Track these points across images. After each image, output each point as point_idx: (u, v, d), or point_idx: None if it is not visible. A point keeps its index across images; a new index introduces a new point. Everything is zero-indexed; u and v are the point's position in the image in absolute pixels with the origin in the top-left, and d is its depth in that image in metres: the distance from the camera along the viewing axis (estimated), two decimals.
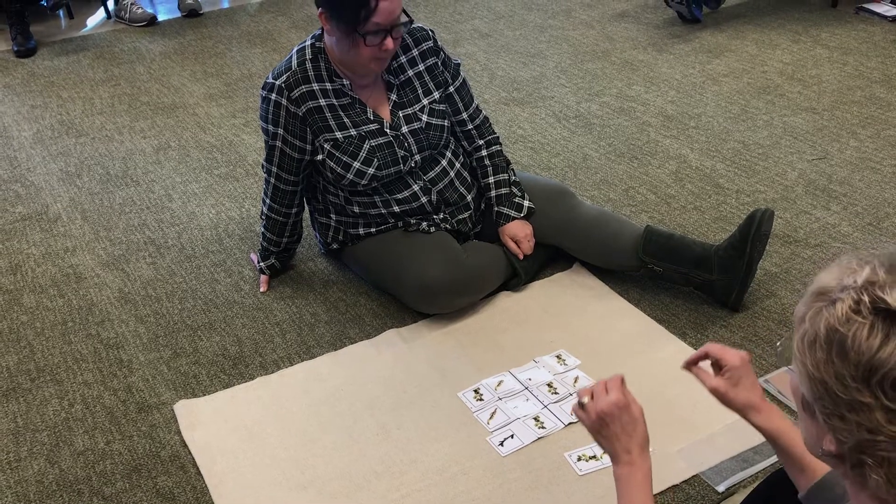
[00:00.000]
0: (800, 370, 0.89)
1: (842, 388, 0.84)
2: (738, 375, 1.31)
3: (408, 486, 1.69)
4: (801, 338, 0.89)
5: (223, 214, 2.64)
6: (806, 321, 0.89)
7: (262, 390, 1.95)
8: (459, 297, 2.11)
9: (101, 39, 4.08)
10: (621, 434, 1.26)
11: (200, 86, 3.55)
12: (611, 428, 1.27)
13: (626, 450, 1.26)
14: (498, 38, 3.90)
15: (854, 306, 0.84)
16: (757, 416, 1.29)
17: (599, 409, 1.27)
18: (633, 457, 1.26)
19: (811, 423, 0.94)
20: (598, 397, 1.29)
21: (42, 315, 2.24)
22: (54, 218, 2.66)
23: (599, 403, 1.28)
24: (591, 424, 1.29)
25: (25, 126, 3.26)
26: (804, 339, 0.88)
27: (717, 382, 1.32)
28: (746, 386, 1.31)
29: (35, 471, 1.77)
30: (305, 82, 2.04)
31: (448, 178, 2.18)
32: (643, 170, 2.77)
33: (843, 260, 0.92)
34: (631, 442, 1.26)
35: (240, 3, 4.50)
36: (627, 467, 1.25)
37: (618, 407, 1.27)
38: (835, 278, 0.90)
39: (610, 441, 1.28)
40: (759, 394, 1.31)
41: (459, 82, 2.22)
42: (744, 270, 2.03)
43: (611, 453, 1.28)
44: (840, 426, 0.86)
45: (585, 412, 1.30)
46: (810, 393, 0.89)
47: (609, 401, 1.27)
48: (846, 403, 0.84)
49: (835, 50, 3.56)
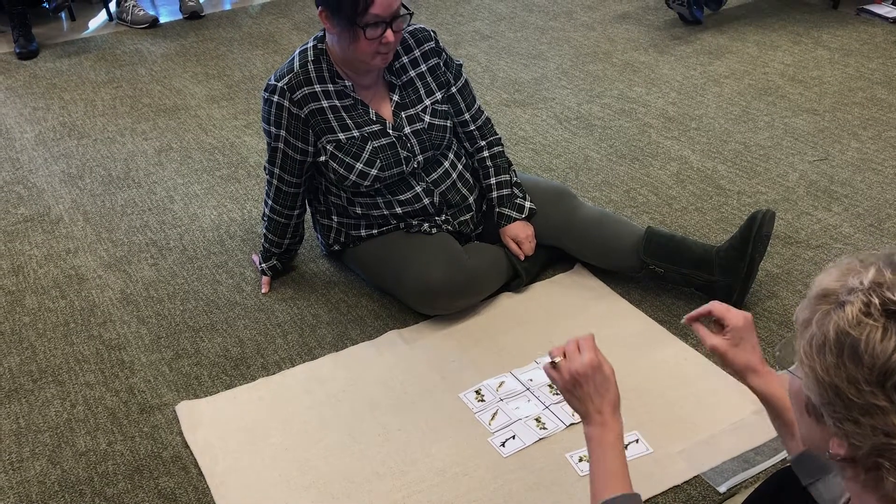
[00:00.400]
0: (807, 375, 0.88)
1: (855, 392, 0.83)
2: (740, 336, 1.31)
3: (409, 486, 1.69)
4: (809, 342, 0.88)
5: (225, 216, 2.64)
6: (813, 325, 0.88)
7: (264, 391, 1.95)
8: (461, 298, 2.11)
9: (102, 41, 4.08)
10: (594, 394, 1.27)
11: (202, 87, 3.55)
12: (584, 388, 1.27)
13: (598, 410, 1.27)
14: (499, 39, 3.90)
15: (864, 308, 0.83)
16: (755, 379, 1.29)
17: (573, 369, 1.28)
18: (605, 417, 1.26)
19: (816, 427, 0.93)
20: (572, 357, 1.29)
21: (44, 316, 2.24)
22: (56, 219, 2.67)
23: (573, 363, 1.28)
24: (564, 384, 1.30)
25: (27, 128, 3.27)
26: (812, 343, 0.87)
27: (717, 341, 1.32)
28: (747, 348, 1.31)
29: (37, 471, 1.78)
30: (307, 84, 2.04)
31: (450, 179, 2.18)
32: (644, 171, 2.77)
33: (843, 262, 0.91)
34: (603, 402, 1.27)
35: (241, 5, 4.51)
36: (600, 428, 1.26)
37: (591, 367, 1.27)
38: (837, 280, 0.89)
39: (583, 401, 1.28)
40: (759, 356, 1.31)
41: (462, 83, 2.23)
42: (745, 271, 2.03)
43: (582, 413, 1.29)
44: (854, 430, 0.85)
45: (558, 372, 1.30)
46: (819, 398, 0.88)
47: (583, 361, 1.27)
48: (860, 407, 0.83)
49: (836, 51, 3.56)
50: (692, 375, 1.93)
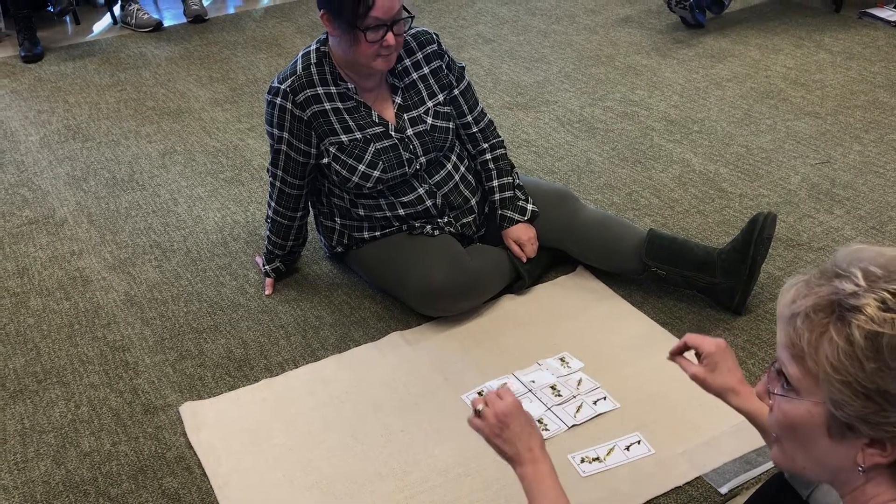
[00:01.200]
0: (839, 390, 0.87)
1: (889, 381, 0.82)
2: (715, 361, 1.37)
3: (412, 487, 1.70)
4: (835, 356, 0.86)
5: (228, 218, 2.65)
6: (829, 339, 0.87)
7: (267, 392, 1.96)
8: (463, 300, 2.12)
9: (107, 45, 4.10)
10: (522, 433, 1.30)
11: (206, 91, 3.56)
12: (512, 428, 1.30)
13: (528, 448, 1.29)
14: (502, 43, 3.91)
15: (882, 305, 0.82)
16: (735, 399, 1.34)
17: (499, 410, 1.31)
18: (535, 453, 1.29)
19: (838, 447, 0.92)
20: (493, 403, 1.33)
21: (49, 318, 2.25)
22: (61, 221, 2.68)
23: (497, 406, 1.32)
24: (492, 429, 1.32)
25: (32, 130, 3.28)
26: (839, 356, 0.86)
27: (695, 369, 1.38)
28: (723, 371, 1.36)
29: (42, 472, 1.79)
30: (310, 86, 2.05)
31: (453, 181, 2.19)
32: (647, 174, 2.77)
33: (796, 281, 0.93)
34: (532, 440, 1.30)
35: (245, 9, 4.52)
36: (532, 465, 1.29)
37: (515, 407, 1.32)
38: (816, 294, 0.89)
39: (512, 442, 1.31)
40: (737, 377, 1.36)
41: (464, 85, 2.24)
42: (747, 274, 2.03)
43: (514, 455, 1.31)
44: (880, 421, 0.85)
45: (483, 418, 1.34)
46: (861, 409, 0.86)
47: (506, 402, 1.32)
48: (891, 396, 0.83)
49: (838, 55, 3.57)
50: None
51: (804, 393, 0.92)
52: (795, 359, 0.92)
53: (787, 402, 0.95)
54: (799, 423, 0.94)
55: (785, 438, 0.98)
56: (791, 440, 0.97)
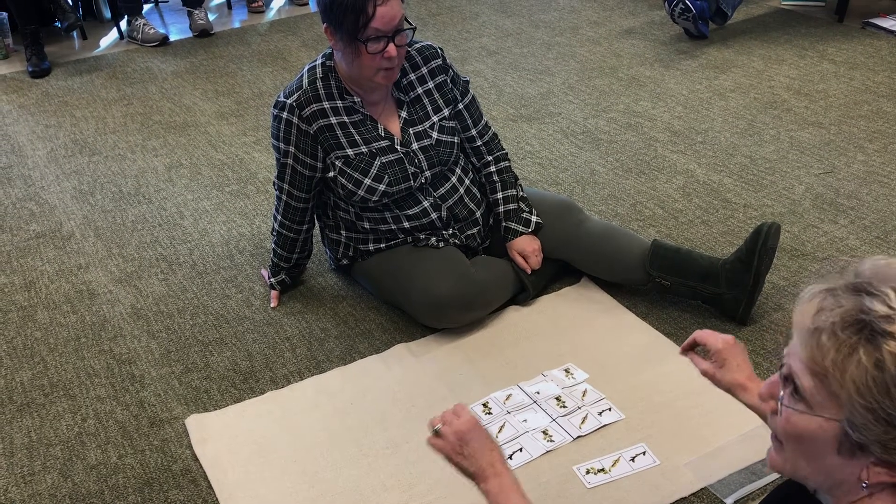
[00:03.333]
0: (862, 414, 0.86)
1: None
2: (724, 358, 1.39)
3: (417, 499, 1.70)
4: (864, 381, 0.85)
5: (234, 231, 2.67)
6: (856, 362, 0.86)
7: (273, 405, 1.97)
8: (468, 311, 2.13)
9: (113, 59, 4.13)
10: (483, 449, 1.30)
11: (212, 104, 3.59)
12: (472, 445, 1.30)
13: (490, 463, 1.29)
14: (506, 55, 3.93)
15: None
16: (744, 395, 1.36)
17: (457, 429, 1.31)
18: (497, 468, 1.29)
19: (845, 462, 0.92)
20: (450, 421, 1.33)
21: (55, 331, 2.26)
22: (68, 235, 2.70)
23: (456, 424, 1.32)
24: (452, 447, 1.32)
25: (40, 145, 3.31)
26: (867, 381, 0.85)
27: (705, 366, 1.40)
28: (732, 367, 1.38)
29: (48, 484, 1.79)
30: (316, 101, 2.06)
31: (458, 194, 2.20)
32: (651, 185, 2.78)
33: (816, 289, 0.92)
34: (493, 455, 1.30)
35: (251, 23, 4.55)
36: (497, 479, 1.28)
37: (473, 423, 1.31)
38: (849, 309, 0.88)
39: (473, 458, 1.30)
40: (745, 373, 1.37)
41: (468, 99, 2.25)
42: (751, 284, 2.04)
43: (476, 471, 1.30)
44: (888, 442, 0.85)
45: (443, 437, 1.33)
46: (879, 435, 0.86)
47: (463, 420, 1.32)
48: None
49: (841, 65, 3.58)
50: (699, 387, 1.93)
51: (817, 408, 0.91)
52: (814, 374, 0.90)
53: (797, 414, 0.93)
54: (808, 436, 0.93)
55: (789, 446, 0.98)
56: (796, 450, 0.97)
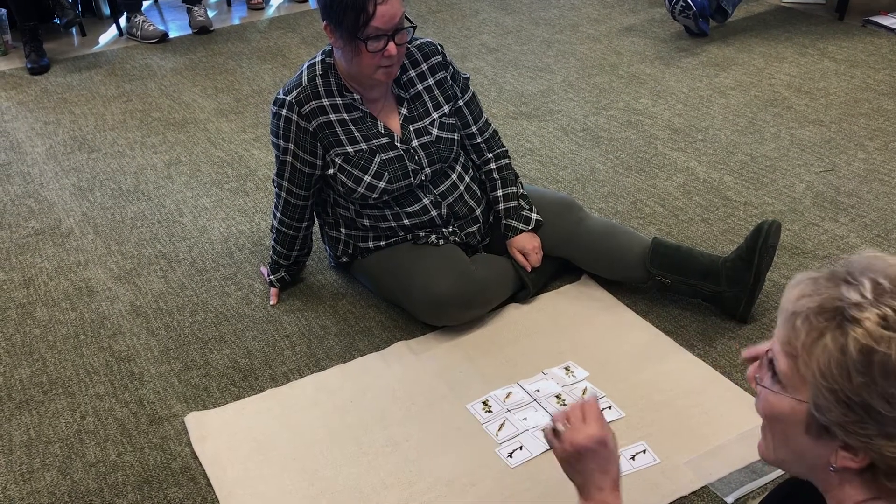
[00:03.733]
0: (825, 397, 0.88)
1: (889, 407, 0.83)
2: None
3: (417, 497, 1.69)
4: (827, 364, 0.87)
5: (233, 228, 2.66)
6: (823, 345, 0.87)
7: (272, 402, 1.96)
8: (468, 309, 2.12)
9: (113, 56, 4.12)
10: (596, 470, 1.18)
11: (211, 101, 3.58)
12: (587, 463, 1.18)
13: (598, 487, 1.18)
14: (506, 52, 3.92)
15: (882, 322, 0.83)
16: None
17: (577, 442, 1.18)
18: (604, 495, 1.18)
19: (814, 444, 0.94)
20: (576, 427, 1.20)
21: (55, 328, 2.26)
22: (67, 232, 2.69)
23: (577, 436, 1.18)
24: (565, 455, 1.20)
25: (38, 142, 3.30)
26: (830, 364, 0.86)
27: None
28: None
29: (47, 482, 1.79)
30: (316, 98, 2.06)
31: (458, 191, 2.19)
32: (651, 182, 2.78)
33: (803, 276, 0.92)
34: (605, 479, 1.18)
35: (250, 20, 4.55)
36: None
37: (596, 442, 1.18)
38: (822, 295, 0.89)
39: (583, 476, 1.19)
40: None
41: (469, 96, 2.24)
42: (751, 282, 2.03)
43: (580, 487, 1.20)
44: (884, 444, 0.86)
45: (559, 440, 1.21)
46: (841, 417, 0.87)
47: (588, 434, 1.18)
48: (893, 421, 0.84)
49: (842, 62, 3.57)
50: (699, 385, 1.93)
51: (790, 389, 0.94)
52: (788, 356, 0.93)
53: (772, 394, 0.96)
54: (780, 416, 0.96)
55: (768, 429, 1.01)
56: (774, 432, 1.00)
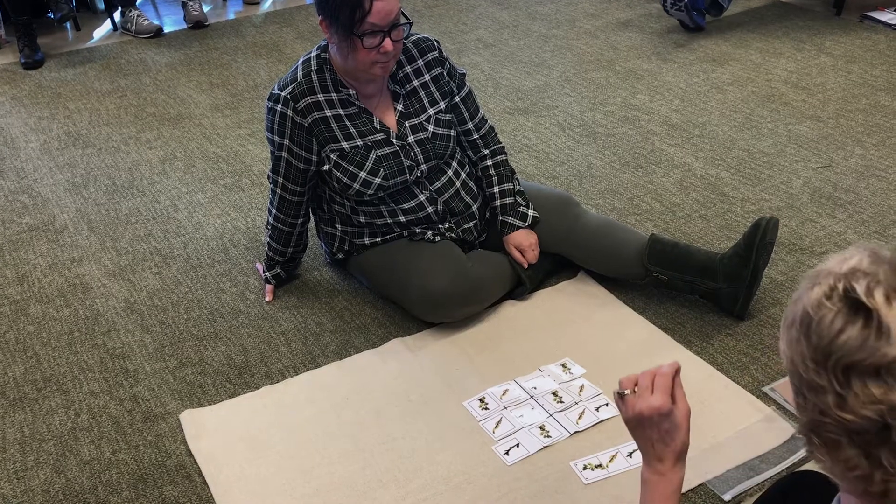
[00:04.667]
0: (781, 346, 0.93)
1: (804, 367, 0.86)
2: None
3: (413, 495, 1.69)
4: (785, 317, 0.91)
5: (229, 224, 2.65)
6: (793, 301, 0.92)
7: (268, 399, 1.95)
8: (464, 306, 2.11)
9: (107, 51, 4.10)
10: (657, 441, 1.18)
11: (206, 97, 3.56)
12: (647, 432, 1.18)
13: (658, 457, 1.18)
14: (502, 47, 3.91)
15: (828, 292, 0.86)
16: None
17: (639, 410, 1.17)
18: (664, 466, 1.18)
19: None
20: (642, 395, 1.18)
21: (48, 325, 2.24)
22: (61, 228, 2.67)
23: (640, 404, 1.17)
24: (628, 420, 1.20)
25: (32, 137, 3.28)
26: (786, 318, 0.91)
27: None
28: None
29: (41, 480, 1.78)
30: (311, 93, 2.04)
31: (454, 187, 2.18)
32: (648, 178, 2.77)
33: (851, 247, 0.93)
34: (666, 451, 1.18)
35: (245, 15, 4.52)
36: (657, 476, 1.18)
37: (659, 413, 1.16)
38: (833, 263, 0.91)
39: (644, 443, 1.19)
40: None
41: (465, 92, 2.23)
42: (749, 279, 2.03)
43: (643, 452, 1.21)
44: (801, 404, 0.89)
45: (625, 405, 1.20)
46: (786, 368, 0.92)
47: (651, 404, 1.16)
48: (807, 383, 0.87)
49: (839, 58, 3.57)
50: (697, 383, 1.93)
51: None
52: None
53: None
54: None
55: None
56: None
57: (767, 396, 1.87)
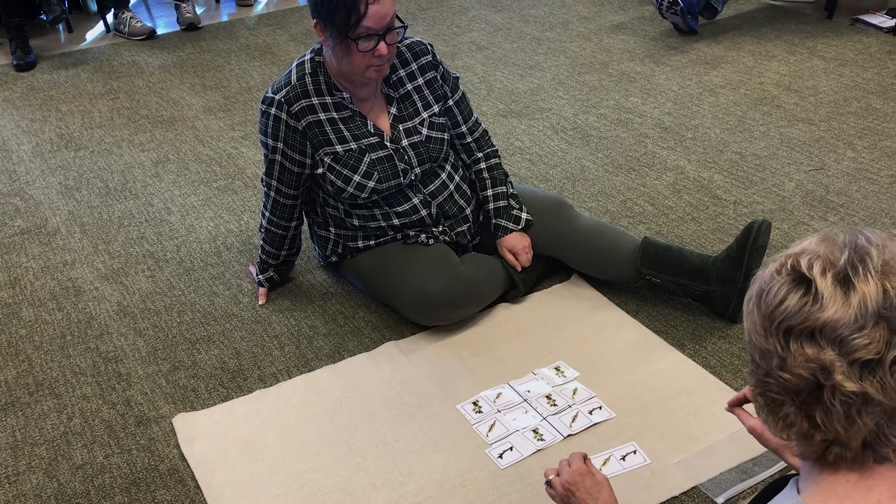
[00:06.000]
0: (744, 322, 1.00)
1: (756, 335, 0.95)
2: None
3: (407, 498, 1.69)
4: (747, 295, 1.00)
5: (222, 227, 2.64)
6: (752, 280, 1.00)
7: (261, 403, 1.95)
8: (458, 309, 2.11)
9: (100, 53, 4.09)
10: (588, 499, 1.38)
11: (199, 99, 3.56)
12: (577, 496, 1.39)
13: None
14: (495, 50, 3.92)
15: (778, 268, 0.95)
16: (791, 458, 1.30)
17: (563, 480, 1.41)
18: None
19: None
20: (562, 471, 1.43)
21: (41, 328, 2.24)
22: (53, 231, 2.67)
23: (563, 475, 1.42)
24: (561, 498, 1.42)
25: (25, 140, 3.27)
26: (747, 295, 0.99)
27: (753, 423, 1.35)
28: None
29: (33, 485, 1.77)
30: (305, 97, 2.04)
31: (447, 190, 2.18)
32: (641, 181, 2.77)
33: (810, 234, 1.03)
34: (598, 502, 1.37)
35: (238, 17, 4.52)
36: None
37: (579, 474, 1.40)
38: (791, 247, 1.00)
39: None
40: None
41: (458, 95, 2.23)
42: (741, 281, 2.03)
43: None
44: (753, 370, 0.98)
45: (553, 488, 1.44)
46: (746, 340, 1.00)
47: (571, 470, 1.41)
48: (759, 350, 0.95)
49: (831, 61, 3.58)
50: (690, 385, 1.93)
51: None
52: None
53: None
54: None
55: None
56: None
57: None
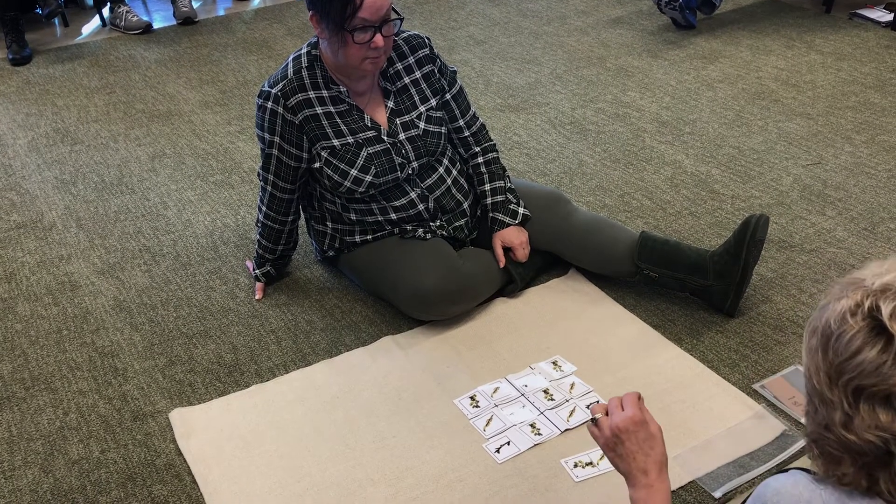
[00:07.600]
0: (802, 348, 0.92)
1: (818, 379, 0.87)
2: None
3: (404, 493, 1.68)
4: (810, 321, 0.91)
5: (218, 222, 2.64)
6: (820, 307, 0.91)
7: (258, 398, 1.95)
8: (455, 303, 2.11)
9: (96, 47, 4.08)
10: (637, 452, 1.19)
11: (196, 93, 3.54)
12: (626, 445, 1.20)
13: (642, 470, 1.18)
14: (493, 44, 3.91)
15: (853, 308, 0.85)
16: None
17: (614, 424, 1.21)
18: (650, 478, 1.18)
19: None
20: (613, 413, 1.23)
21: (37, 323, 2.23)
22: (49, 226, 2.66)
23: (614, 418, 1.21)
24: (606, 442, 1.23)
25: (20, 134, 3.26)
26: (810, 323, 0.90)
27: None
28: None
29: (29, 480, 1.77)
30: (302, 90, 2.04)
31: (445, 185, 2.18)
32: (638, 176, 2.77)
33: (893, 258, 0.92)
34: (648, 461, 1.19)
35: (235, 11, 4.50)
36: (645, 490, 1.17)
37: (633, 422, 1.20)
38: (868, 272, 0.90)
39: (626, 460, 1.20)
40: None
41: (456, 89, 2.22)
42: (739, 276, 2.03)
43: (626, 474, 1.21)
44: (811, 412, 0.90)
45: (599, 429, 1.24)
46: (804, 372, 0.92)
47: (624, 416, 1.20)
48: (818, 394, 0.87)
49: (829, 55, 3.57)
50: (687, 380, 1.93)
51: None
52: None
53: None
54: None
55: None
56: None
57: (757, 394, 1.88)
